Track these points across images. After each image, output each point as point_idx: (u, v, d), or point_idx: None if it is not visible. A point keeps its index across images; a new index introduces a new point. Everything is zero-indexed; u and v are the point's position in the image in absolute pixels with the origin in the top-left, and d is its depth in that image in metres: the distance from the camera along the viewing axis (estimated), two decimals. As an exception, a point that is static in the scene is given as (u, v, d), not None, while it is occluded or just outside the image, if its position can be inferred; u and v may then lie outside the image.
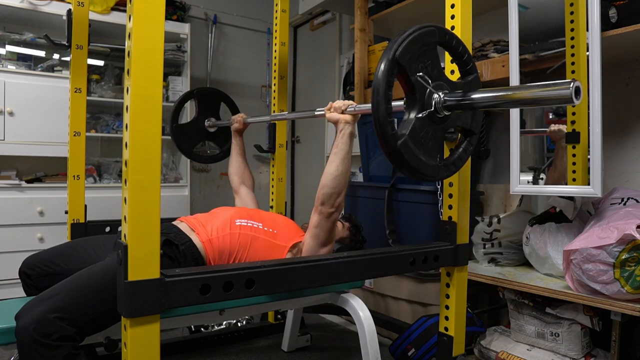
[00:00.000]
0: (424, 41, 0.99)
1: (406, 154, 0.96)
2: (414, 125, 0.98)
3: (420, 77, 0.98)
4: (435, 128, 1.03)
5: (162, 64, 0.89)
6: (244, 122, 2.03)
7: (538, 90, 0.87)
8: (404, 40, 0.95)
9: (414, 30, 0.97)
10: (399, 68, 0.95)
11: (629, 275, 1.34)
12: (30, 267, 1.40)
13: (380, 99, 0.92)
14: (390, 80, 0.93)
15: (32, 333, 0.99)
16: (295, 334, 2.05)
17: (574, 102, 0.80)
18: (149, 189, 0.88)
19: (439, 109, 1.02)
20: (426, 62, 1.00)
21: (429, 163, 1.01)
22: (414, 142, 0.97)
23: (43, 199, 2.76)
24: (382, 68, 0.93)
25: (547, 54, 1.74)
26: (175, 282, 0.92)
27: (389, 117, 0.93)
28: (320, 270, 1.17)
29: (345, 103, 1.46)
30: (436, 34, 1.02)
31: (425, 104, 1.00)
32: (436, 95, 1.01)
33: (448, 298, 1.40)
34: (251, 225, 1.47)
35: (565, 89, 0.81)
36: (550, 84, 0.85)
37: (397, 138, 0.94)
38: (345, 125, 1.44)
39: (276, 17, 2.19)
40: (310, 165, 3.96)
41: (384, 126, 0.92)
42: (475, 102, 1.00)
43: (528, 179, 1.95)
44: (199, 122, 2.22)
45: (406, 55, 0.95)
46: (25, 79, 2.73)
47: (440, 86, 1.03)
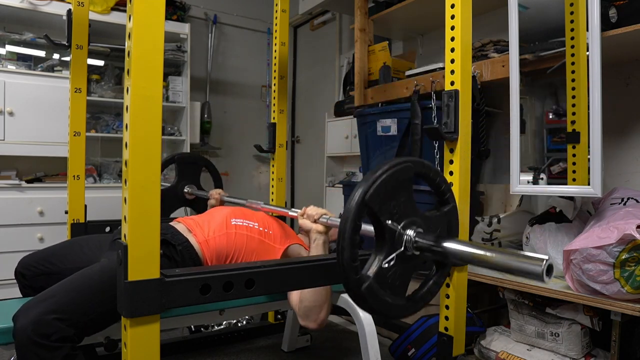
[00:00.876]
0: (398, 178, 0.94)
1: (370, 298, 0.90)
2: (380, 268, 0.93)
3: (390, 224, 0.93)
4: (404, 267, 0.98)
5: (162, 64, 0.89)
6: (221, 200, 2.03)
7: (512, 260, 0.82)
8: (374, 181, 0.90)
9: (387, 169, 0.92)
10: (369, 210, 0.90)
11: (629, 275, 1.34)
12: (26, 267, 1.40)
13: (346, 244, 0.87)
14: (358, 225, 0.89)
15: (30, 334, 0.98)
16: (295, 334, 2.05)
17: (544, 279, 0.78)
18: (149, 189, 0.88)
19: (409, 248, 0.96)
20: (399, 199, 0.95)
21: (395, 303, 0.96)
22: (380, 283, 0.92)
23: (43, 199, 2.76)
24: (351, 210, 0.88)
25: (547, 54, 1.74)
26: (175, 282, 0.92)
27: (353, 263, 0.88)
28: (320, 270, 1.17)
29: (318, 212, 1.41)
30: (412, 169, 0.98)
31: (395, 244, 0.95)
32: (407, 235, 0.96)
33: (448, 298, 1.40)
34: (247, 224, 1.48)
35: (537, 266, 0.78)
36: (525, 257, 0.81)
37: (361, 282, 0.89)
38: (318, 235, 1.39)
39: (276, 17, 2.19)
40: (310, 165, 3.96)
41: (348, 272, 0.88)
42: (447, 254, 0.94)
43: (528, 179, 1.95)
44: (178, 188, 2.23)
45: (377, 198, 0.90)
46: (25, 79, 2.73)
47: (413, 222, 0.97)
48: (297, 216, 1.47)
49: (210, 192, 2.10)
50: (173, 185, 2.24)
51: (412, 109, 2.12)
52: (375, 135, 2.37)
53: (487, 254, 0.89)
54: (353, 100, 2.67)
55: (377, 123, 2.34)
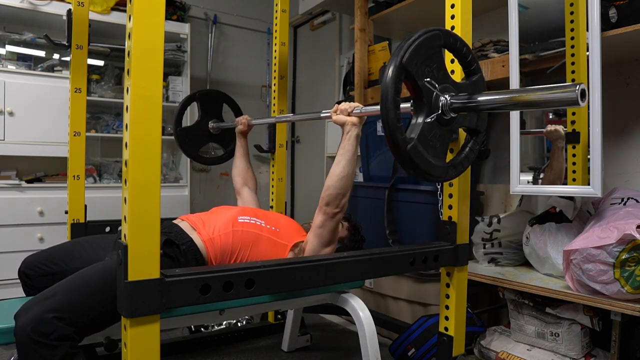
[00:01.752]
0: (430, 45, 1.00)
1: (416, 157, 0.97)
2: (422, 129, 0.99)
3: (428, 82, 1.00)
4: (443, 130, 1.05)
5: (162, 64, 0.89)
6: (248, 124, 2.03)
7: (544, 93, 0.88)
8: (410, 45, 0.96)
9: (419, 35, 0.99)
10: (406, 74, 0.96)
11: (629, 275, 1.34)
12: (30, 267, 1.40)
13: (389, 105, 0.93)
14: (399, 86, 0.95)
15: (30, 333, 0.99)
16: (295, 334, 2.05)
17: (580, 104, 0.81)
18: (149, 189, 0.88)
19: (446, 112, 1.03)
20: (432, 65, 1.01)
21: (437, 164, 1.03)
22: (423, 145, 0.99)
23: (43, 199, 2.76)
24: (390, 74, 0.94)
25: (547, 54, 1.74)
26: (175, 282, 0.92)
27: (398, 123, 0.94)
28: (320, 270, 1.17)
29: (351, 105, 1.46)
30: (441, 37, 1.04)
31: (432, 108, 1.02)
32: (443, 98, 1.03)
33: (448, 298, 1.40)
34: (254, 222, 1.47)
35: (571, 92, 0.82)
36: (556, 87, 0.86)
37: (406, 142, 0.96)
38: (352, 128, 1.43)
39: (276, 17, 2.19)
40: (310, 165, 3.96)
41: (394, 132, 0.94)
42: (481, 105, 1.02)
43: (528, 179, 1.95)
44: (202, 125, 2.22)
45: (413, 61, 0.96)
46: (25, 79, 2.73)
47: (446, 89, 1.04)
48: (331, 113, 1.50)
49: (236, 119, 2.07)
50: (197, 122, 2.22)
51: (412, 109, 2.12)
52: (375, 135, 2.37)
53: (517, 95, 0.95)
54: (353, 100, 2.66)
55: (377, 123, 2.34)
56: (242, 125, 2.03)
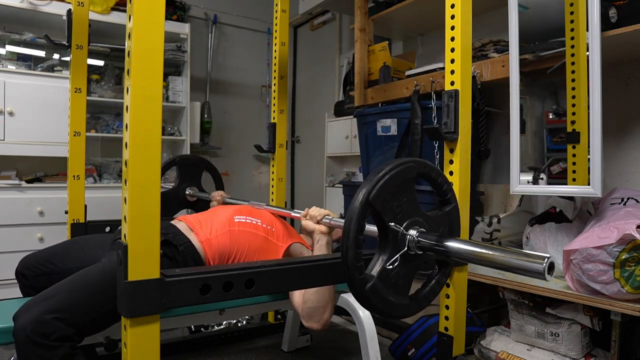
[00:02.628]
0: (401, 178, 0.96)
1: (374, 298, 0.92)
2: (383, 268, 0.94)
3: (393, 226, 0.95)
4: (408, 266, 0.99)
5: (162, 64, 0.89)
6: (223, 201, 2.03)
7: (513, 258, 0.84)
8: (378, 181, 0.92)
9: (390, 169, 0.94)
10: (372, 210, 0.92)
11: (629, 275, 1.34)
12: (27, 267, 1.39)
13: (350, 243, 0.89)
14: (362, 224, 0.90)
15: (29, 333, 0.98)
16: (295, 334, 2.05)
17: (546, 277, 0.79)
18: (149, 189, 0.88)
19: (412, 248, 0.98)
20: (401, 199, 0.96)
21: (398, 303, 0.98)
22: (384, 283, 0.94)
23: (43, 199, 2.76)
24: (356, 210, 0.89)
25: (547, 54, 1.74)
26: (175, 282, 0.92)
27: (357, 263, 0.89)
28: (320, 270, 1.17)
29: (321, 213, 1.41)
30: (414, 169, 0.99)
31: (398, 245, 0.96)
32: (409, 235, 0.97)
33: (448, 298, 1.39)
34: (250, 221, 1.47)
35: (538, 264, 0.79)
36: (526, 255, 0.83)
37: (365, 282, 0.91)
38: (321, 236, 1.40)
39: (276, 17, 2.19)
40: (310, 165, 3.96)
41: (352, 272, 0.89)
42: (449, 252, 0.96)
43: (528, 179, 1.95)
44: (179, 190, 2.22)
45: (380, 197, 0.91)
46: (25, 79, 2.73)
47: (415, 222, 0.99)
48: (300, 217, 1.47)
49: (212, 194, 2.10)
50: (175, 188, 2.23)
51: (412, 109, 2.12)
52: (375, 135, 2.37)
53: (488, 252, 0.90)
54: (353, 100, 2.67)
55: (377, 123, 2.34)
56: (216, 202, 2.04)
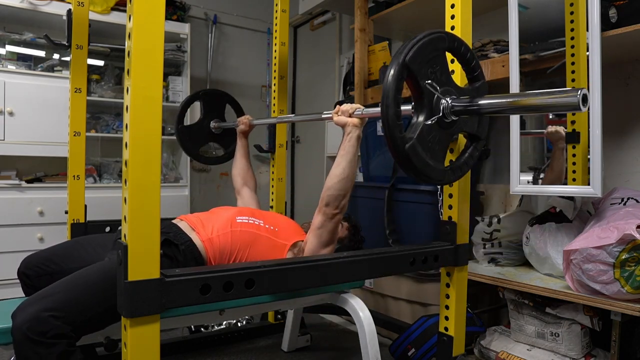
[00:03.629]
0: (434, 47, 0.99)
1: (414, 157, 0.96)
2: (421, 130, 0.98)
3: (429, 84, 0.98)
4: (443, 133, 1.03)
5: (162, 64, 0.89)
6: (250, 124, 2.03)
7: (546, 98, 0.87)
8: (414, 45, 0.95)
9: (424, 36, 0.98)
10: (409, 73, 0.95)
11: (629, 275, 1.34)
12: (29, 267, 1.39)
13: (390, 102, 0.92)
14: (400, 85, 0.93)
15: (26, 331, 0.99)
16: (295, 334, 2.05)
17: (581, 109, 0.81)
18: (149, 189, 0.88)
19: (447, 115, 1.02)
20: (435, 67, 1.00)
21: (436, 167, 1.01)
22: (422, 146, 0.97)
23: (43, 199, 2.76)
24: (392, 72, 0.93)
25: (547, 54, 1.74)
26: (175, 282, 0.92)
27: (397, 121, 0.93)
28: (320, 270, 1.17)
29: (352, 106, 1.45)
30: (445, 40, 1.03)
31: (433, 109, 1.00)
32: (444, 100, 1.01)
33: (448, 298, 1.40)
34: (252, 222, 1.47)
35: (572, 97, 0.82)
36: (558, 92, 0.85)
37: (405, 141, 0.95)
38: (353, 129, 1.43)
39: (276, 17, 2.19)
40: (310, 165, 3.96)
41: (393, 129, 0.92)
42: (482, 108, 1.01)
43: (528, 179, 1.95)
44: (204, 124, 2.21)
45: (416, 60, 0.95)
46: (25, 79, 2.73)
47: (448, 92, 1.03)
48: (332, 114, 1.50)
49: (238, 119, 2.07)
50: (199, 121, 2.22)
51: (412, 109, 2.12)
52: (375, 135, 2.37)
53: (519, 99, 0.95)
54: (353, 100, 2.66)
55: (377, 123, 2.34)
56: (243, 125, 2.03)
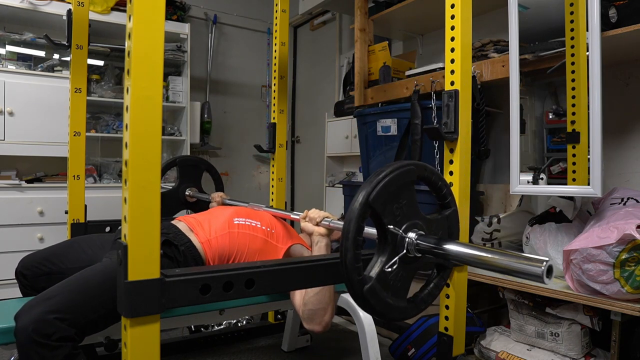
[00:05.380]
0: (401, 181, 0.96)
1: (372, 299, 0.92)
2: (382, 270, 0.94)
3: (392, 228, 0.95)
4: (406, 269, 1.00)
5: (162, 64, 0.89)
6: (223, 202, 2.02)
7: (512, 262, 0.84)
8: (378, 183, 0.92)
9: (390, 171, 0.94)
10: (372, 212, 0.92)
11: (629, 275, 1.34)
12: (27, 267, 1.39)
13: (349, 245, 0.89)
14: (361, 226, 0.90)
15: (31, 333, 0.98)
16: (295, 334, 2.05)
17: (545, 281, 0.79)
18: (149, 189, 0.88)
19: (411, 251, 0.98)
20: (401, 201, 0.97)
21: (396, 305, 0.98)
22: (382, 285, 0.94)
23: (43, 199, 2.76)
24: (355, 211, 0.90)
25: (547, 54, 1.74)
26: (175, 282, 0.92)
27: (356, 264, 0.90)
28: (320, 270, 1.17)
29: (320, 215, 1.41)
30: (414, 172, 0.99)
31: (397, 247, 0.97)
32: (408, 238, 0.97)
33: (448, 298, 1.39)
34: (249, 223, 1.47)
35: (536, 267, 0.79)
36: (525, 258, 0.83)
37: (363, 284, 0.91)
38: (320, 238, 1.40)
39: (276, 17, 2.19)
40: (310, 165, 3.96)
41: (351, 273, 0.89)
42: (448, 255, 0.96)
43: (528, 179, 1.95)
44: (179, 191, 2.22)
45: (380, 199, 0.92)
46: (25, 79, 2.73)
47: (414, 225, 0.99)
48: (300, 219, 1.47)
49: (212, 195, 2.09)
50: (174, 188, 2.23)
51: (412, 109, 2.12)
52: (375, 135, 2.37)
53: (487, 255, 0.90)
54: (353, 100, 2.66)
55: (377, 123, 2.34)
56: (215, 203, 2.03)
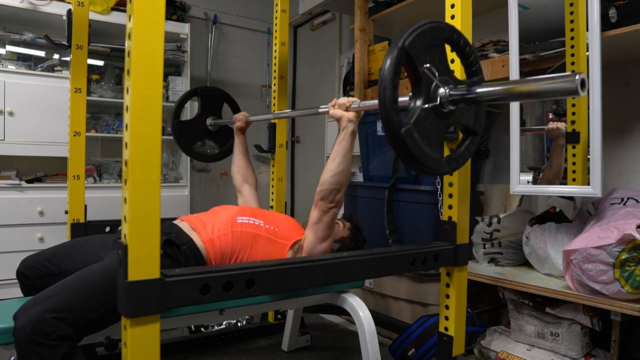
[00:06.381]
0: (434, 35, 0.98)
1: (409, 142, 0.94)
2: (418, 115, 0.96)
3: (427, 69, 0.97)
4: (439, 122, 1.02)
5: (162, 64, 0.89)
6: (246, 121, 2.02)
7: (544, 83, 0.86)
8: (414, 31, 0.95)
9: (424, 23, 0.97)
10: (407, 57, 0.94)
11: (628, 275, 1.34)
12: (28, 267, 1.39)
13: (387, 84, 0.90)
14: (398, 68, 0.92)
15: (29, 333, 0.98)
16: (295, 334, 2.05)
17: (580, 94, 0.79)
18: (149, 189, 0.88)
19: (444, 103, 1.00)
20: (434, 55, 0.99)
21: (431, 155, 0.99)
22: (418, 132, 0.95)
23: (43, 199, 2.76)
24: (391, 56, 0.92)
25: (547, 54, 1.74)
26: (176, 282, 0.92)
27: (394, 104, 0.91)
28: (320, 270, 1.17)
29: (349, 100, 1.46)
30: (446, 30, 1.02)
31: (430, 97, 0.99)
32: (442, 89, 1.00)
33: (448, 298, 1.40)
34: (252, 222, 1.47)
35: (570, 82, 0.80)
36: (555, 77, 0.84)
37: (401, 125, 0.93)
38: (348, 123, 1.44)
39: (276, 17, 2.19)
40: (310, 165, 3.96)
41: (389, 112, 0.90)
42: (480, 96, 0.99)
43: (528, 179, 1.95)
44: (200, 121, 2.21)
45: (415, 46, 0.94)
46: (25, 79, 2.73)
47: (445, 81, 1.02)
48: (329, 107, 1.51)
49: (234, 116, 2.07)
50: (195, 118, 2.21)
51: (412, 109, 2.12)
52: (375, 135, 2.37)
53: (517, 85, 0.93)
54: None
55: (377, 123, 2.34)
56: (239, 122, 2.02)
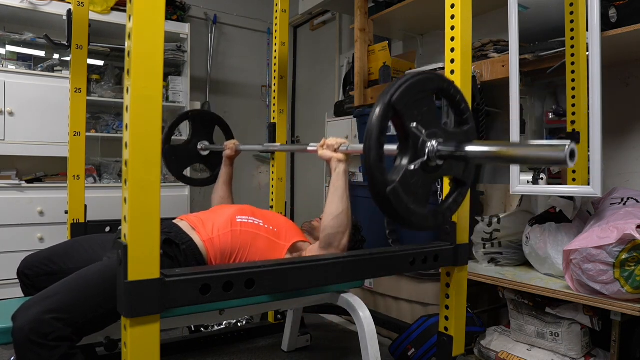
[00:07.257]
0: (422, 88, 0.96)
1: (395, 201, 0.92)
2: (405, 173, 0.94)
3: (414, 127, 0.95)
4: (426, 177, 1.00)
5: (162, 64, 0.89)
6: (236, 150, 2.02)
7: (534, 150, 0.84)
8: (401, 85, 0.93)
9: (412, 76, 0.95)
10: (394, 113, 0.92)
11: (628, 275, 1.34)
12: (29, 267, 1.39)
13: (373, 143, 0.89)
14: (385, 125, 0.90)
15: (28, 333, 0.98)
16: (295, 334, 2.05)
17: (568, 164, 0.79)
18: (149, 189, 0.88)
19: (432, 158, 0.98)
20: (422, 109, 0.97)
21: (417, 211, 0.98)
22: (404, 189, 0.93)
23: (43, 199, 2.76)
24: (377, 112, 0.90)
25: (547, 54, 1.74)
26: (176, 282, 0.92)
27: (380, 163, 0.89)
28: (320, 270, 1.17)
29: (337, 141, 1.44)
30: (435, 81, 1.00)
31: (418, 152, 0.97)
32: (430, 144, 0.97)
33: (448, 298, 1.40)
34: (252, 222, 1.47)
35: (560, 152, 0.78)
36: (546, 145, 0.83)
37: (386, 184, 0.91)
38: (339, 164, 1.43)
39: (276, 17, 2.19)
40: (310, 165, 3.96)
41: (374, 171, 0.89)
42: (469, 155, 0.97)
43: (528, 179, 1.95)
44: (191, 145, 2.20)
45: (402, 101, 0.92)
46: (25, 79, 2.73)
47: (434, 134, 0.99)
48: (317, 148, 1.49)
49: (225, 143, 2.07)
50: (186, 142, 2.20)
51: (412, 109, 2.12)
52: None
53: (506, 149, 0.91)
54: (353, 100, 2.67)
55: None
56: (229, 150, 2.02)
